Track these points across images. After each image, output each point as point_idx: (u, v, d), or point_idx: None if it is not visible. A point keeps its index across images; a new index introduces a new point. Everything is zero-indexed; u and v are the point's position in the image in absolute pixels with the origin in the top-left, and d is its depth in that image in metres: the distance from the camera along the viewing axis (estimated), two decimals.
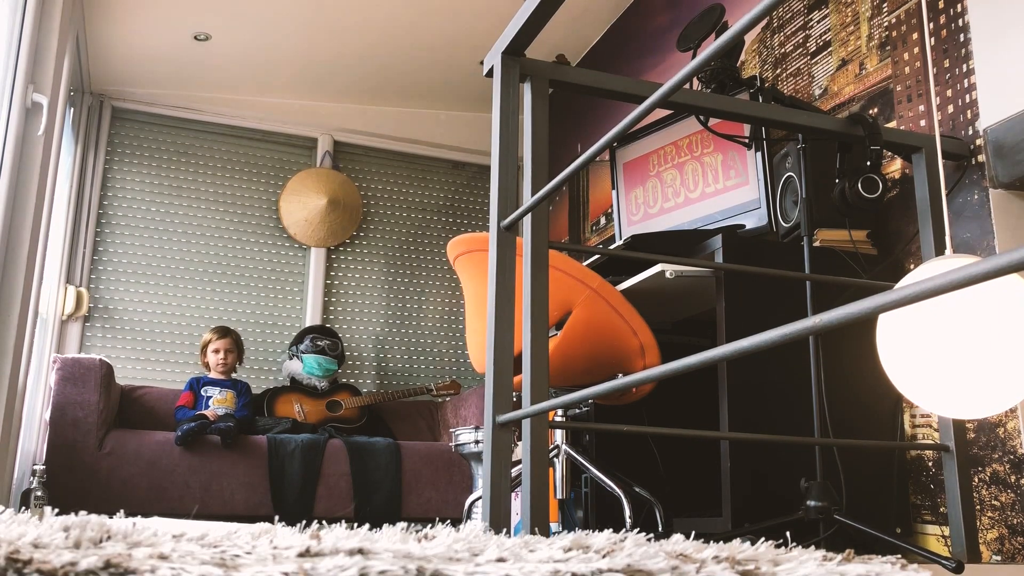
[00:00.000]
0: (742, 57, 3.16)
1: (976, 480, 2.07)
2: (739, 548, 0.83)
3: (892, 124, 2.44)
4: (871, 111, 2.53)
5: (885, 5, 2.52)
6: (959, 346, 1.17)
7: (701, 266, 2.03)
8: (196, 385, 3.86)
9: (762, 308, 2.17)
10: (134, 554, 0.60)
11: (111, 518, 0.84)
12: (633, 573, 0.67)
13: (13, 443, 2.97)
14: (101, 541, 0.69)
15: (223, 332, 4.02)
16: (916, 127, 2.36)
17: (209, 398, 3.82)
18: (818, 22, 2.80)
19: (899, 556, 0.86)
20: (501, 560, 0.70)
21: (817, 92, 2.76)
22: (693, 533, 1.28)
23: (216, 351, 3.94)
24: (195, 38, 4.08)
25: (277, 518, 2.40)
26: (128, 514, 0.98)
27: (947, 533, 2.11)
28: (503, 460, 1.49)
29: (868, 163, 2.01)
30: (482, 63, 1.70)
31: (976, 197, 2.12)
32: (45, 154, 2.90)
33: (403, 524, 0.94)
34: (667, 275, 2.25)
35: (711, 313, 2.45)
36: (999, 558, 2.00)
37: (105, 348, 4.25)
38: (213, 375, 3.92)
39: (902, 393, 1.29)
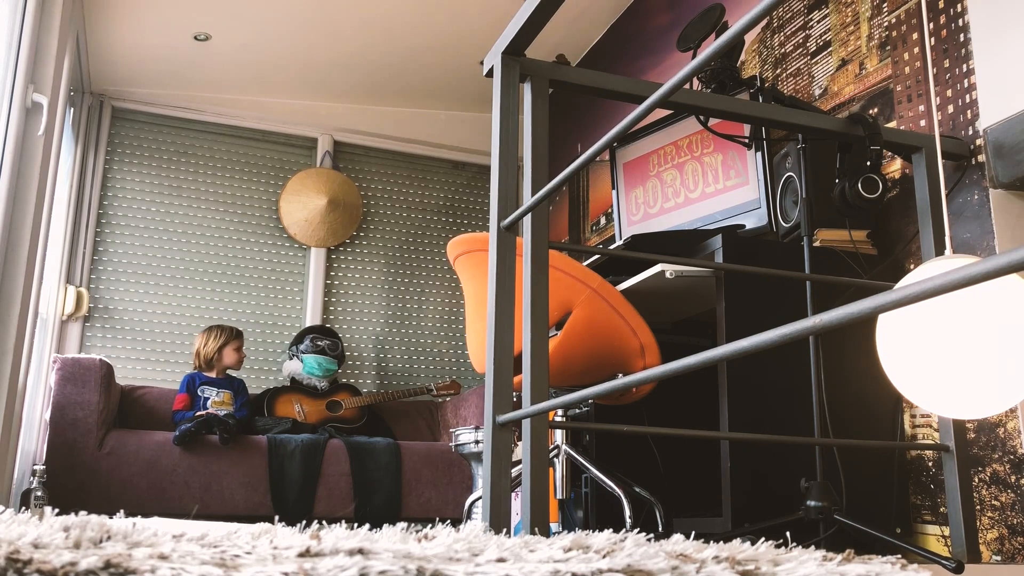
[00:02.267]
0: (742, 57, 3.16)
1: (976, 480, 2.07)
2: (739, 548, 0.83)
3: (892, 124, 2.44)
4: (871, 111, 2.53)
5: (885, 5, 2.52)
6: (959, 346, 1.17)
7: (701, 266, 2.03)
8: (193, 385, 3.85)
9: (762, 308, 2.17)
10: (134, 554, 0.60)
11: (111, 518, 0.84)
12: (633, 573, 0.67)
13: (13, 443, 2.97)
14: (101, 541, 0.69)
15: (238, 332, 4.07)
16: (916, 127, 2.36)
17: (207, 399, 3.82)
18: (818, 22, 2.80)
19: (899, 556, 0.86)
20: (501, 560, 0.70)
21: (817, 92, 2.76)
22: (693, 533, 1.28)
23: (237, 349, 3.99)
24: (195, 38, 4.08)
25: (277, 518, 2.40)
26: (128, 514, 0.98)
27: (947, 533, 2.11)
28: (503, 460, 1.49)
29: (868, 163, 2.01)
30: (482, 63, 1.70)
31: (976, 197, 2.12)
32: (45, 154, 2.90)
33: (403, 524, 0.94)
34: (667, 275, 2.25)
35: (711, 313, 2.45)
36: (999, 558, 2.00)
37: (105, 348, 4.26)
38: (212, 374, 3.92)
39: (902, 393, 1.29)
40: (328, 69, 4.49)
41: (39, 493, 3.17)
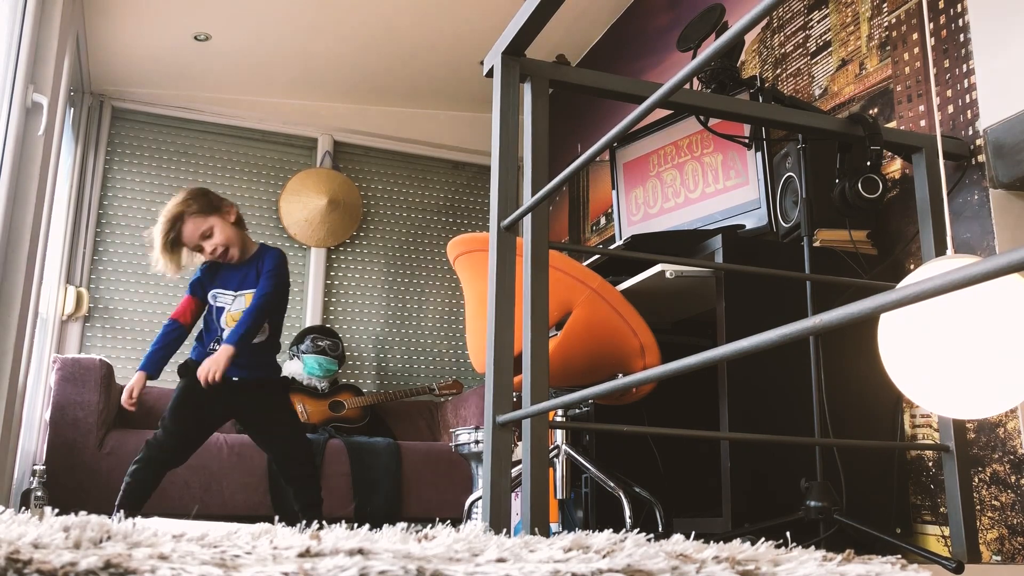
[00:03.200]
0: (742, 57, 3.16)
1: (976, 480, 2.07)
2: (739, 548, 0.83)
3: (892, 124, 2.44)
4: (871, 111, 2.53)
5: (885, 5, 2.52)
6: (959, 346, 1.17)
7: (701, 266, 2.03)
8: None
9: (762, 308, 2.17)
10: (134, 554, 0.60)
11: (111, 518, 0.84)
12: (633, 573, 0.67)
13: (13, 443, 2.97)
14: (101, 541, 0.69)
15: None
16: (916, 127, 2.36)
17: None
18: (818, 22, 2.80)
19: (899, 556, 0.86)
20: (501, 560, 0.70)
21: (817, 92, 2.76)
22: (693, 533, 1.28)
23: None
24: (195, 38, 4.08)
25: (277, 518, 2.40)
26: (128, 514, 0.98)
27: (947, 533, 2.11)
28: (503, 460, 1.49)
29: (868, 163, 2.01)
30: (482, 63, 1.70)
31: (976, 197, 2.12)
32: (45, 154, 2.90)
33: (403, 524, 0.94)
34: (667, 275, 2.25)
35: (711, 313, 2.45)
36: (999, 558, 2.01)
37: (105, 348, 4.25)
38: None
39: (902, 393, 1.29)
40: (328, 69, 4.49)
41: (39, 493, 3.17)
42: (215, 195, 2.88)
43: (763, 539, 0.93)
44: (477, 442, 3.13)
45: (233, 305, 2.76)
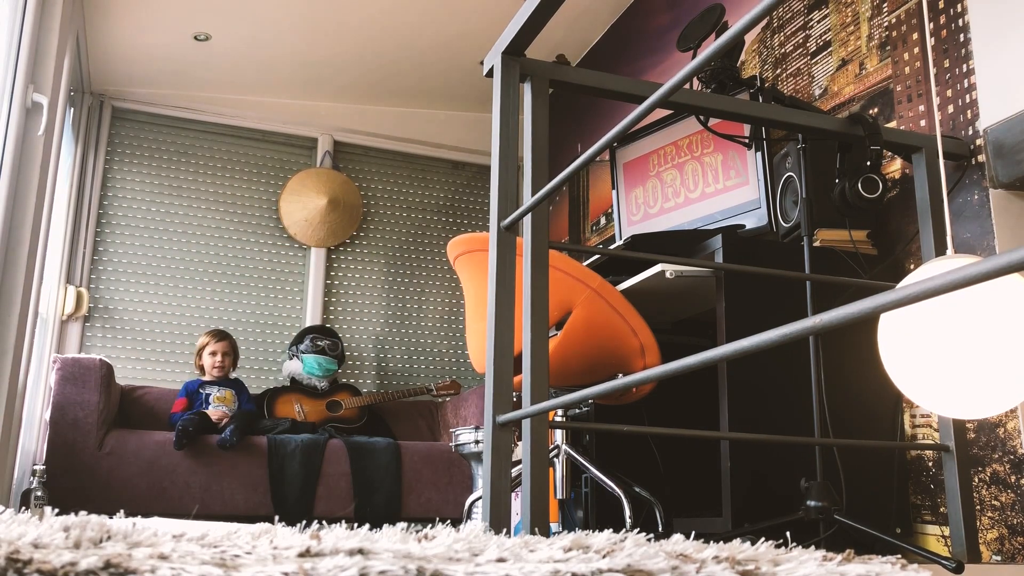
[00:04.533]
0: (742, 57, 3.16)
1: (976, 480, 2.07)
2: (739, 548, 0.83)
3: (892, 124, 2.44)
4: (871, 111, 2.53)
5: (885, 5, 2.52)
6: (959, 346, 1.17)
7: (701, 266, 2.03)
8: (192, 388, 3.84)
9: (762, 308, 2.17)
10: (134, 554, 0.60)
11: (111, 518, 0.84)
12: (633, 573, 0.67)
13: (13, 443, 2.97)
14: (101, 541, 0.69)
15: (220, 335, 3.99)
16: (916, 127, 2.36)
17: (208, 395, 3.81)
18: (818, 22, 2.80)
19: (899, 556, 0.86)
20: (501, 560, 0.70)
21: (817, 92, 2.76)
22: (693, 533, 1.28)
23: (213, 353, 3.92)
24: (195, 38, 4.08)
25: (277, 518, 2.38)
26: (128, 514, 0.98)
27: (947, 533, 2.11)
28: (503, 460, 1.49)
29: (868, 163, 2.01)
30: (482, 63, 1.70)
31: (976, 197, 2.12)
32: (45, 154, 2.90)
33: (403, 524, 0.94)
34: (667, 275, 2.25)
35: (711, 313, 2.45)
36: (999, 558, 2.01)
37: (105, 348, 4.25)
38: (208, 378, 3.91)
39: (902, 393, 1.29)
40: (328, 69, 4.49)
41: (39, 493, 3.17)
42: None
43: (763, 539, 0.93)
44: (477, 442, 3.13)
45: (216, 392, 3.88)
